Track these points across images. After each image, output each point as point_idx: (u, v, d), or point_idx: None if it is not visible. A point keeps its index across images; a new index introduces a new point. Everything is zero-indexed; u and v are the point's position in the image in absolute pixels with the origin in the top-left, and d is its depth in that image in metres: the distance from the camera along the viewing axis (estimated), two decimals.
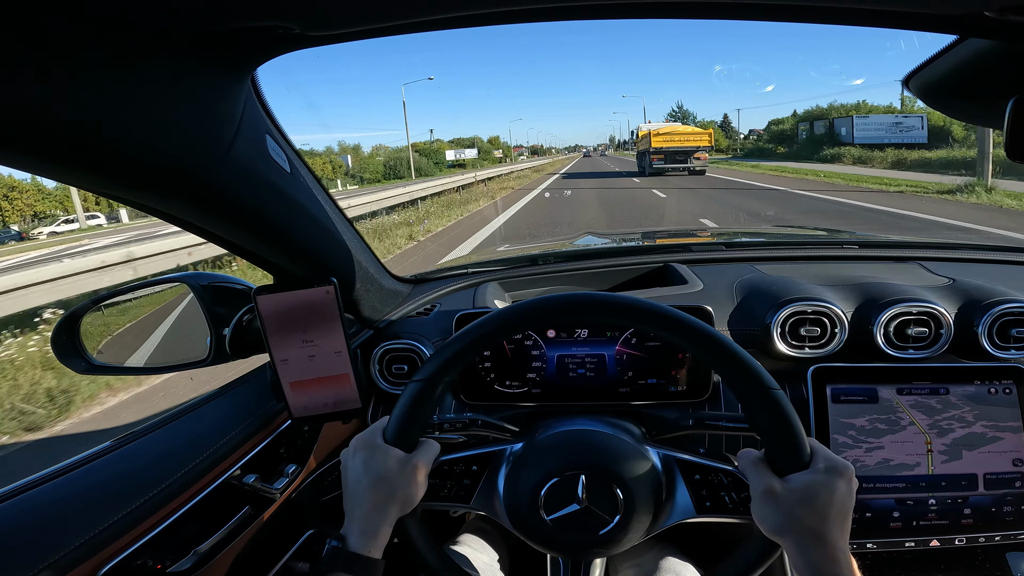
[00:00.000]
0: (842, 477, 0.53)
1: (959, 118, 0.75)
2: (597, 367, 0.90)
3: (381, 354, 0.98)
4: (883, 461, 0.82)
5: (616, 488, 0.64)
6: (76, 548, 0.54)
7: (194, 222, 0.59)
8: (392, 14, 0.40)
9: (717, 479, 0.67)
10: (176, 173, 0.46)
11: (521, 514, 0.66)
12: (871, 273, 1.08)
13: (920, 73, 0.66)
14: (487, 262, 1.35)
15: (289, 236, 0.68)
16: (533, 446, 0.71)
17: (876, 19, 0.50)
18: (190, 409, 0.79)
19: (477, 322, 0.60)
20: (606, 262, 1.30)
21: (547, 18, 0.45)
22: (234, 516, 0.72)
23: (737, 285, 1.06)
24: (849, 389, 0.83)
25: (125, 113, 0.38)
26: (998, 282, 0.99)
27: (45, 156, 0.38)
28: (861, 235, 1.53)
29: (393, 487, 0.57)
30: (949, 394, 0.82)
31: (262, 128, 0.57)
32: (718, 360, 0.57)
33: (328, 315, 0.71)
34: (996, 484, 0.81)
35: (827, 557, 0.50)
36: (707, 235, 1.81)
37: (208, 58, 0.42)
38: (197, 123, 0.45)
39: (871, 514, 0.81)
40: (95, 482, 0.63)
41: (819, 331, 0.93)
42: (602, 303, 0.60)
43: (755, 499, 0.55)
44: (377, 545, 0.56)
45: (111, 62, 0.36)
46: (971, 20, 0.47)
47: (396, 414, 0.60)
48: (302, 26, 0.39)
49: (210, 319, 0.80)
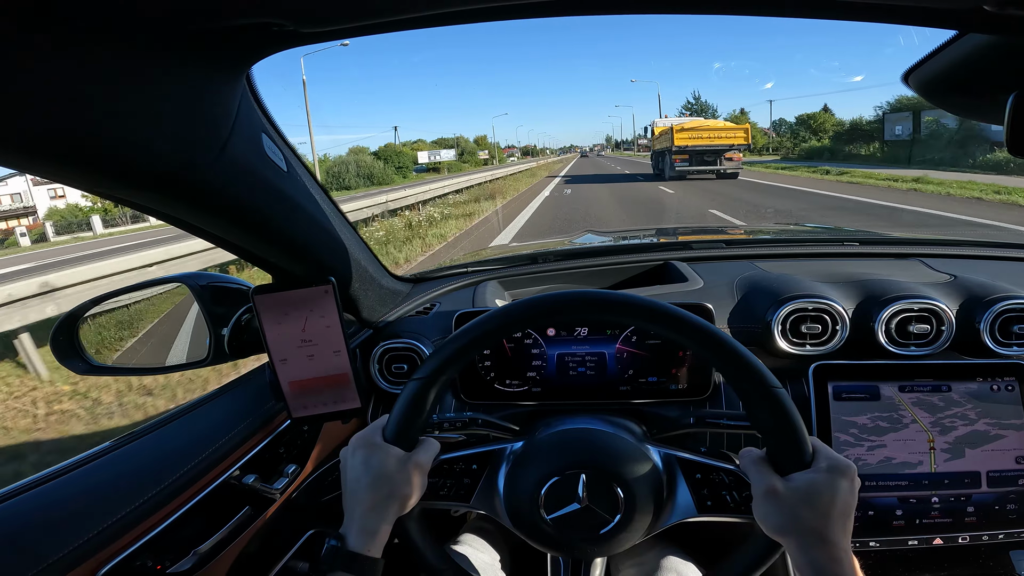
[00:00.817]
0: (844, 476, 0.52)
1: (959, 114, 0.74)
2: (597, 365, 0.90)
3: (381, 353, 0.98)
4: (886, 459, 0.81)
5: (617, 487, 0.64)
6: (75, 548, 0.54)
7: (190, 221, 0.58)
8: (387, 10, 0.39)
9: (718, 478, 0.66)
10: (171, 172, 0.46)
11: (521, 513, 0.66)
12: (872, 270, 1.07)
13: (919, 69, 0.65)
14: (486, 261, 1.35)
15: (287, 235, 0.67)
16: (533, 445, 0.71)
17: (875, 14, 0.50)
18: (189, 409, 0.79)
19: (476, 320, 0.60)
20: (606, 260, 1.29)
21: (544, 14, 0.45)
22: (234, 516, 0.72)
23: (738, 283, 1.06)
24: (851, 387, 0.83)
25: (118, 111, 0.38)
26: (1000, 278, 0.99)
27: (37, 154, 0.37)
28: (861, 232, 1.53)
29: (392, 486, 0.57)
30: (951, 391, 0.82)
31: (258, 127, 0.57)
32: (719, 358, 0.57)
33: (327, 314, 0.71)
34: (999, 482, 0.81)
35: (829, 557, 0.50)
36: (707, 233, 1.81)
37: (202, 56, 0.42)
38: (192, 122, 0.45)
39: (874, 512, 0.81)
40: (94, 482, 0.63)
41: (820, 328, 0.93)
42: (602, 301, 0.59)
43: (757, 498, 0.55)
44: (376, 544, 0.56)
45: (103, 60, 0.36)
46: (970, 15, 0.47)
47: (395, 413, 0.60)
48: (296, 22, 0.39)
49: (209, 319, 0.80)
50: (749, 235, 1.68)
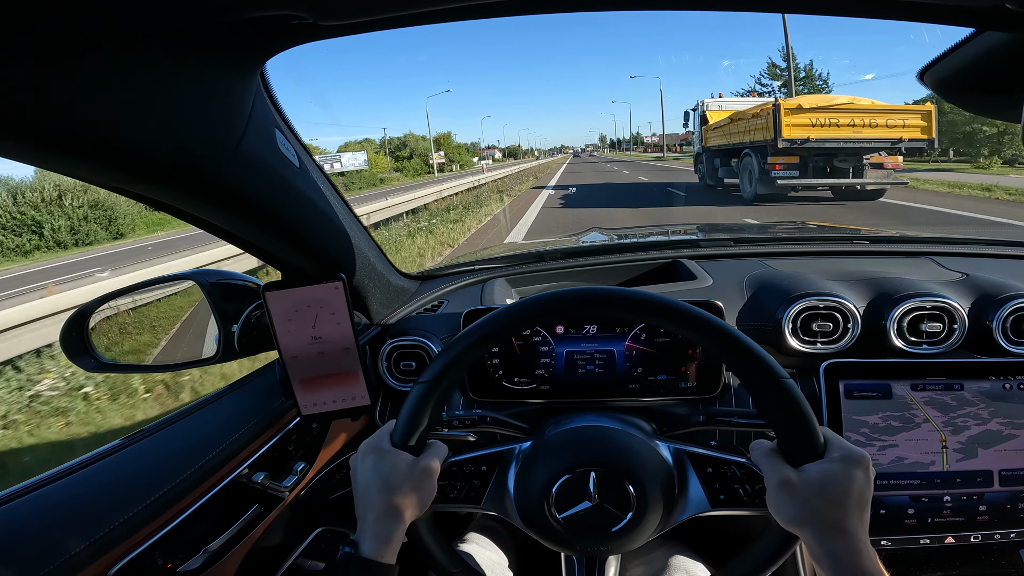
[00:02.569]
0: (859, 466, 0.52)
1: (975, 112, 0.74)
2: (606, 363, 0.90)
3: (389, 351, 0.98)
4: (897, 459, 0.81)
5: (628, 484, 0.63)
6: (86, 547, 0.54)
7: (204, 217, 0.58)
8: (408, 3, 0.39)
9: (730, 471, 0.66)
10: (188, 167, 0.46)
11: (533, 513, 0.66)
12: (883, 268, 1.07)
13: (936, 67, 0.65)
14: (494, 258, 1.35)
15: (298, 231, 0.67)
16: (543, 444, 0.71)
17: (895, 11, 0.49)
18: (200, 406, 0.79)
19: (483, 320, 0.59)
20: (613, 258, 1.29)
21: (559, 9, 0.45)
22: (244, 514, 0.72)
23: (747, 280, 1.05)
24: (862, 385, 0.82)
25: (138, 107, 0.38)
26: (1012, 276, 0.98)
27: (60, 151, 0.37)
28: (872, 231, 1.52)
29: (404, 491, 0.57)
30: (964, 390, 0.81)
31: (271, 122, 0.57)
32: (726, 350, 0.56)
33: (337, 311, 0.71)
34: (1012, 481, 0.80)
35: (848, 547, 0.49)
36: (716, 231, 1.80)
37: (220, 50, 0.42)
38: (209, 117, 0.45)
39: (885, 511, 0.81)
40: (105, 481, 0.63)
41: (831, 326, 0.92)
42: (607, 297, 0.59)
43: (770, 490, 0.54)
44: (391, 550, 0.55)
45: (123, 55, 0.36)
46: (990, 12, 0.46)
47: (403, 417, 0.59)
48: (316, 15, 0.39)
49: (219, 316, 0.80)
50: (758, 233, 1.68)
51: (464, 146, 78.81)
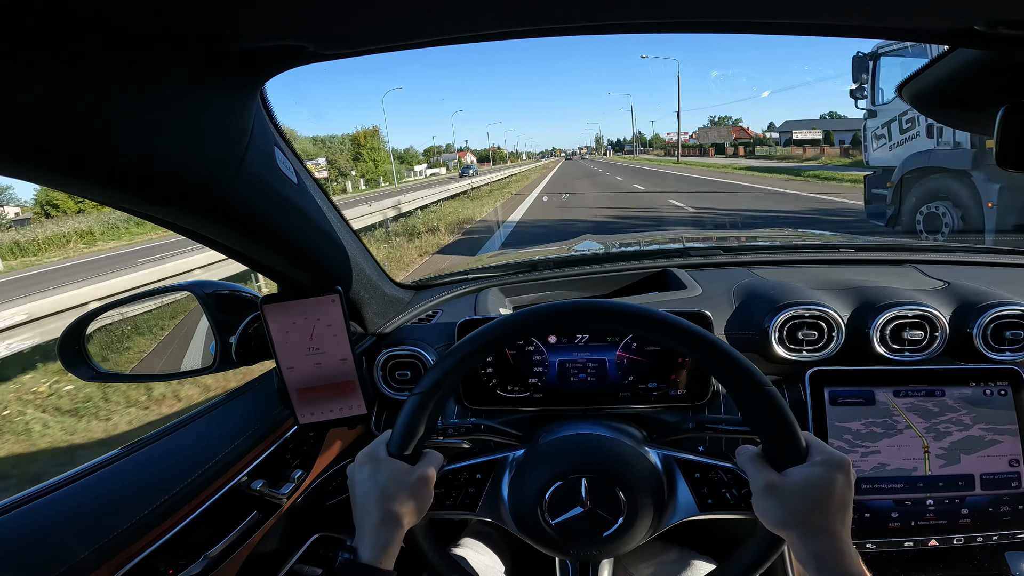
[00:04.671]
0: (839, 470, 0.54)
1: (953, 125, 0.76)
2: (598, 372, 0.91)
3: (384, 360, 0.99)
4: (879, 466, 0.83)
5: (618, 490, 0.65)
6: (90, 553, 0.55)
7: (207, 234, 0.60)
8: (406, 35, 0.41)
9: (717, 476, 0.68)
10: (194, 188, 0.47)
11: (526, 519, 0.67)
12: (867, 277, 1.09)
13: (913, 81, 0.67)
14: (487, 268, 1.36)
15: (297, 245, 0.69)
16: (536, 451, 0.72)
17: (868, 32, 0.52)
18: (198, 415, 0.80)
19: (476, 332, 0.61)
20: (605, 267, 1.31)
21: (552, 34, 0.47)
22: (242, 521, 0.73)
23: (735, 290, 1.07)
24: (846, 392, 0.84)
25: (145, 130, 0.39)
26: (992, 285, 1.01)
27: (66, 172, 0.39)
28: (858, 240, 1.55)
29: (401, 499, 0.58)
30: (945, 396, 0.83)
31: (271, 140, 0.58)
32: (710, 359, 0.58)
33: (334, 323, 0.72)
34: (993, 484, 0.82)
35: (831, 548, 0.51)
36: (706, 240, 1.83)
37: (223, 74, 0.43)
38: (213, 138, 0.46)
39: (870, 515, 0.82)
40: (108, 488, 0.64)
41: (816, 335, 0.95)
42: (593, 310, 0.60)
43: (755, 494, 0.56)
44: (389, 556, 0.57)
45: (131, 79, 0.37)
46: (961, 33, 0.48)
47: (398, 427, 0.61)
48: (317, 45, 0.40)
49: (215, 327, 0.81)
50: (747, 242, 1.70)
51: (409, 151, 60.55)
